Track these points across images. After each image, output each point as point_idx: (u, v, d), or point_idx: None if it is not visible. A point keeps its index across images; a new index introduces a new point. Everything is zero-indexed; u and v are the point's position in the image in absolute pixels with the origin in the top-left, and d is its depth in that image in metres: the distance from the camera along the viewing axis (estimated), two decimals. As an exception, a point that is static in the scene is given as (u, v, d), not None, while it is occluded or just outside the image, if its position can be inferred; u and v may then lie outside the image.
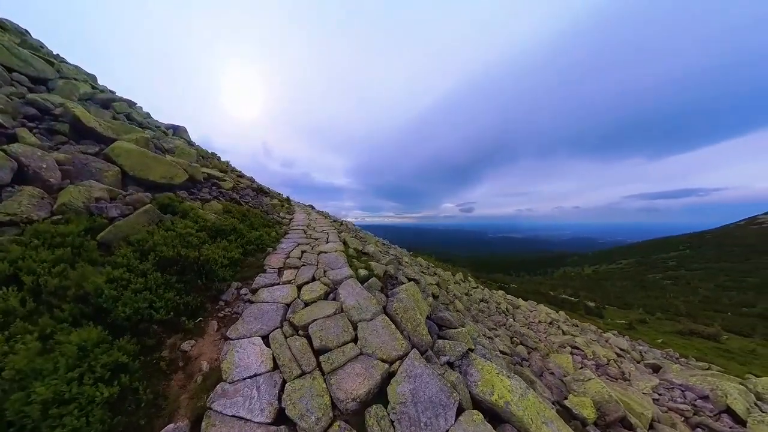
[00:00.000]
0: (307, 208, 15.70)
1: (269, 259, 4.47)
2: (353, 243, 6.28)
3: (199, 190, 6.59)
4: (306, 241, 6.08)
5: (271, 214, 8.34)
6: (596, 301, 31.75)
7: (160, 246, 3.22)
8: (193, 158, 8.02)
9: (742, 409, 5.22)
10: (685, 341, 17.83)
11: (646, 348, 13.34)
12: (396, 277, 4.37)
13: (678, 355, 13.48)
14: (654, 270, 58.85)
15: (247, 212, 6.62)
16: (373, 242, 9.39)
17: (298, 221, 8.80)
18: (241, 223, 5.59)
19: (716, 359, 15.13)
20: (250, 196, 9.14)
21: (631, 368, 6.87)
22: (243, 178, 11.42)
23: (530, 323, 10.16)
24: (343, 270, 4.04)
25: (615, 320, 21.63)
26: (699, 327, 21.15)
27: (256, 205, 8.33)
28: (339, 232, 7.69)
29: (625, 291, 45.82)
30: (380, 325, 2.64)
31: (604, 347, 9.59)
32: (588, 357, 7.13)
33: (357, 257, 5.15)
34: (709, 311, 34.41)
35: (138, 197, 4.28)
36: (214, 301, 3.11)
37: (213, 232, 4.41)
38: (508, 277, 51.20)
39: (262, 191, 11.36)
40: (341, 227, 9.92)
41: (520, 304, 13.73)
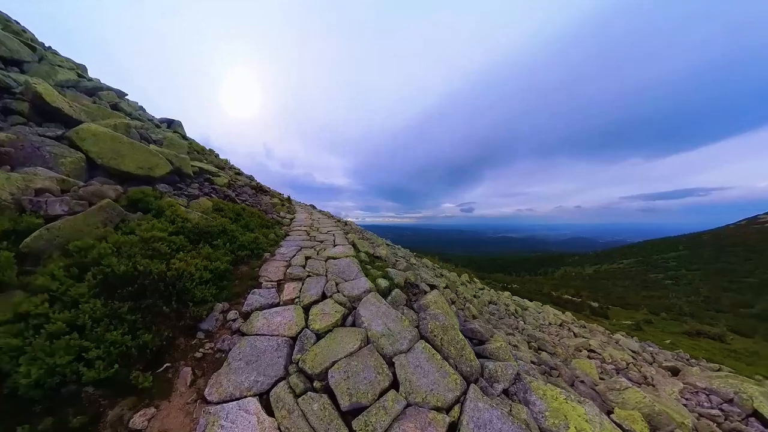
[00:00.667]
0: (308, 207, 15.26)
1: (266, 269, 3.69)
2: (363, 246, 5.65)
3: (188, 185, 5.91)
4: (310, 244, 5.38)
5: (270, 213, 7.76)
6: (599, 301, 31.52)
7: (109, 257, 2.30)
8: (184, 150, 7.39)
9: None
10: (692, 342, 17.59)
11: (656, 349, 13.06)
12: (417, 286, 3.82)
13: (688, 356, 13.22)
14: (655, 270, 58.73)
15: (242, 211, 5.88)
16: (381, 244, 9.11)
17: (300, 221, 8.26)
18: (234, 223, 4.88)
19: (724, 360, 14.86)
20: (248, 194, 8.59)
21: (651, 372, 6.61)
22: (241, 175, 10.86)
23: (541, 325, 9.90)
24: (360, 281, 3.29)
25: (621, 321, 21.39)
26: (705, 327, 20.94)
27: (254, 203, 7.78)
28: (345, 233, 7.08)
29: (627, 291, 45.61)
30: (423, 356, 2.05)
31: (618, 349, 9.33)
32: (606, 361, 6.85)
33: (370, 263, 4.56)
34: (711, 311, 34.28)
35: (96, 190, 3.40)
36: (189, 334, 2.25)
37: (195, 236, 3.58)
38: (508, 277, 51.01)
39: (262, 190, 10.92)
40: (347, 227, 9.41)
41: (528, 305, 13.46)
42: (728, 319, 28.76)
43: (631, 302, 35.13)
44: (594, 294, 38.76)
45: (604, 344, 9.12)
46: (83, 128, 4.28)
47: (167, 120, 11.09)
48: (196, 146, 10.18)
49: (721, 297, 41.93)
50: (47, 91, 4.44)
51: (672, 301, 38.02)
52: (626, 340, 12.43)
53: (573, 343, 7.69)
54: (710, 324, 23.87)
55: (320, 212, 14.01)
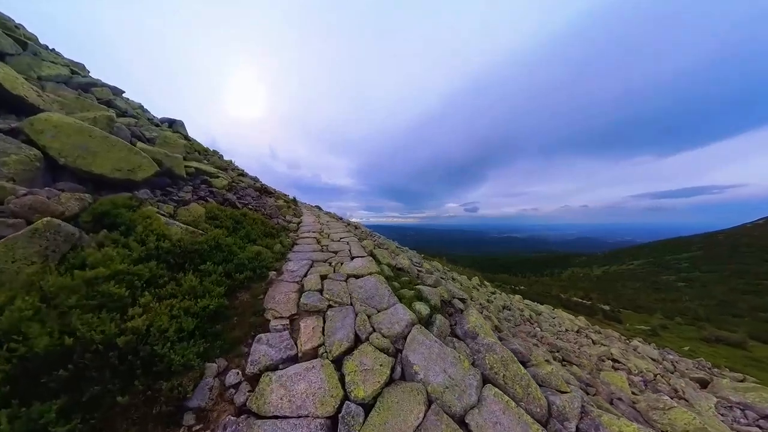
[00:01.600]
0: (314, 209, 14.85)
1: (273, 296, 2.88)
2: (383, 256, 4.96)
3: (180, 189, 5.29)
4: (322, 256, 4.60)
5: (275, 217, 7.25)
6: (611, 304, 30.74)
7: (27, 324, 1.50)
8: (180, 150, 6.73)
9: None
10: (711, 349, 16.94)
11: (675, 357, 12.60)
12: (452, 304, 3.32)
13: (710, 365, 12.71)
14: (667, 271, 57.01)
15: (243, 217, 5.19)
16: (393, 248, 8.82)
17: (308, 225, 7.72)
18: (232, 233, 4.17)
19: (746, 369, 14.26)
20: (251, 196, 8.17)
21: (681, 384, 6.32)
22: (245, 177, 10.38)
23: (558, 332, 9.63)
24: (397, 311, 2.58)
25: (635, 325, 20.77)
26: (724, 333, 20.16)
27: (257, 207, 7.39)
28: (359, 239, 6.53)
29: (638, 293, 44.41)
30: (497, 407, 1.66)
31: (639, 358, 9.00)
32: (632, 372, 6.58)
33: (395, 278, 3.92)
34: (727, 315, 33.06)
35: (35, 201, 2.36)
36: (171, 422, 1.51)
37: (176, 258, 2.76)
38: (513, 278, 50.26)
39: (266, 191, 10.37)
40: (358, 231, 8.98)
41: (541, 309, 13.16)
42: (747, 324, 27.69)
43: (643, 305, 34.18)
44: (604, 296, 37.87)
45: (624, 352, 8.81)
46: (40, 118, 3.40)
47: (168, 120, 10.49)
48: (197, 146, 9.77)
49: (737, 300, 40.44)
50: (7, 77, 3.77)
51: (685, 304, 36.86)
52: (645, 347, 12.03)
53: (595, 352, 7.43)
54: (728, 330, 23.00)
55: (327, 214, 13.64)
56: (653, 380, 6.31)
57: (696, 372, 10.35)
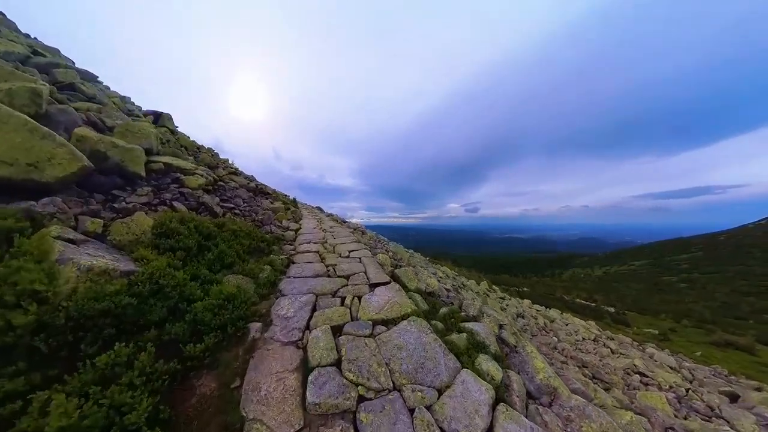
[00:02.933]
0: (315, 210, 14.02)
1: (257, 380, 1.76)
2: (407, 277, 3.90)
3: (133, 191, 4.02)
4: (330, 284, 3.33)
5: (267, 224, 6.27)
6: (615, 306, 30.38)
7: None
8: (147, 141, 5.23)
9: None
10: (723, 354, 16.59)
11: (692, 365, 12.26)
12: (506, 342, 2.68)
13: (726, 372, 12.37)
14: (668, 272, 56.47)
15: (218, 229, 3.93)
16: (407, 258, 7.90)
17: (308, 233, 6.66)
18: (194, 259, 2.90)
19: (759, 376, 13.93)
20: (242, 198, 7.18)
21: (714, 401, 6.02)
22: (238, 175, 9.31)
23: (576, 342, 9.32)
24: (467, 387, 1.68)
25: (642, 329, 20.44)
26: (733, 337, 19.79)
27: (248, 211, 6.46)
28: (372, 250, 5.57)
29: (641, 294, 43.98)
30: None
31: (664, 369, 8.68)
32: (662, 387, 6.30)
33: (433, 312, 3.08)
34: (730, 317, 32.62)
35: None
36: None
37: (60, 335, 1.50)
38: (515, 279, 49.89)
39: (262, 192, 9.41)
40: (366, 239, 7.93)
41: (553, 316, 12.84)
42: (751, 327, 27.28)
43: (647, 307, 33.77)
44: (607, 298, 37.49)
45: (649, 364, 8.50)
46: None
47: (153, 112, 9.30)
48: (185, 141, 8.62)
49: (740, 302, 39.86)
50: None
51: (689, 306, 36.43)
52: (661, 355, 11.71)
53: (619, 364, 7.14)
54: (734, 333, 22.63)
55: (330, 217, 12.56)
56: (686, 396, 6.02)
57: (711, 378, 10.01)
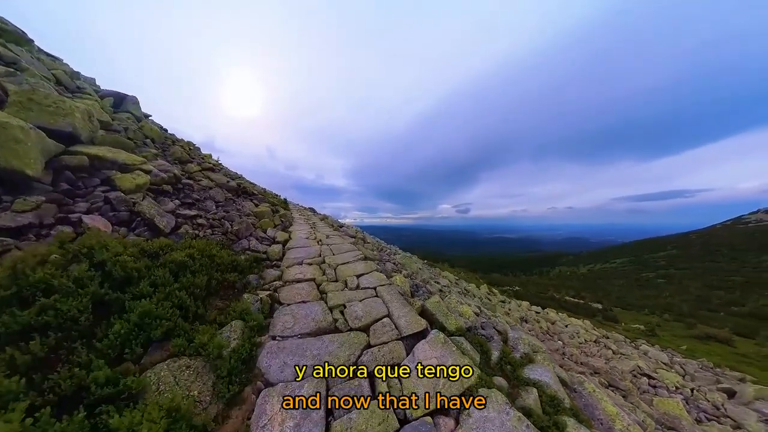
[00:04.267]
0: (307, 213, 12.84)
1: None
2: (441, 311, 3.08)
3: (9, 205, 2.74)
4: (342, 349, 2.28)
5: (245, 236, 4.93)
6: (602, 302, 31.40)
7: None
8: (73, 123, 3.94)
9: None
10: (705, 347, 17.42)
11: (681, 359, 12.72)
12: (563, 381, 2.29)
13: (712, 364, 12.93)
14: (647, 269, 59.19)
15: (153, 260, 2.74)
16: (416, 269, 7.28)
17: (300, 247, 5.40)
18: (81, 343, 1.68)
19: (740, 366, 14.69)
20: (215, 201, 5.80)
21: (718, 399, 6.23)
22: (215, 172, 7.70)
23: (580, 345, 9.49)
24: None
25: (630, 324, 21.20)
26: (713, 331, 20.86)
27: (219, 220, 4.99)
28: (385, 271, 4.54)
29: (623, 290, 45.71)
30: None
31: (661, 367, 8.93)
32: (669, 389, 6.48)
33: (485, 360, 2.46)
34: (704, 310, 34.46)
35: None
36: None
37: None
38: (506, 278, 50.87)
39: (245, 193, 7.92)
40: (369, 248, 6.78)
41: (554, 318, 13.06)
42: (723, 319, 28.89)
43: (630, 303, 35.12)
44: (594, 294, 38.71)
45: (651, 363, 8.74)
46: None
47: (114, 93, 7.85)
48: (150, 131, 7.04)
49: (711, 296, 42.19)
50: None
51: (668, 300, 38.20)
52: (654, 351, 12.10)
53: (626, 367, 7.28)
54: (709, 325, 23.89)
55: (324, 220, 11.12)
56: (692, 396, 6.20)
57: (701, 372, 10.39)
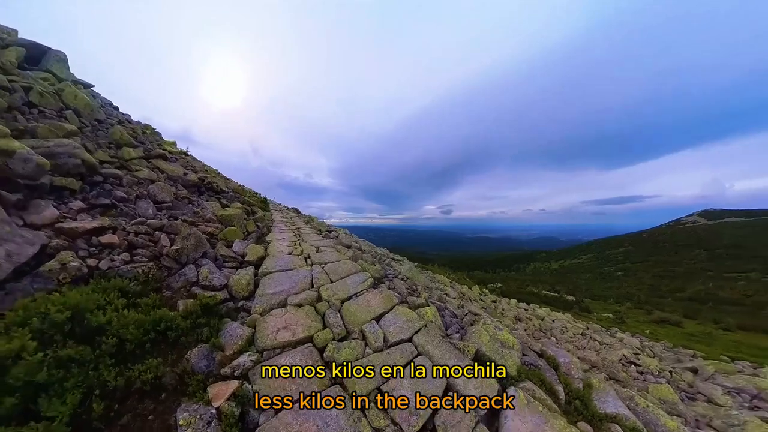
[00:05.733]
0: (289, 213, 10.94)
1: None
2: (494, 351, 2.44)
3: None
4: None
5: (193, 259, 3.21)
6: (575, 295, 33.95)
7: None
8: None
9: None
10: (663, 330, 19.57)
11: (648, 343, 14.12)
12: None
13: (671, 345, 14.53)
14: (608, 263, 65.20)
15: None
16: (423, 281, 5.32)
17: (281, 269, 3.66)
18: None
19: (690, 344, 16.70)
20: (156, 201, 4.16)
21: (690, 378, 7.06)
22: (169, 162, 5.79)
23: (571, 339, 10.20)
24: None
25: (601, 314, 23.17)
26: (667, 315, 23.51)
27: (153, 234, 3.31)
28: (410, 301, 3.28)
29: (590, 283, 49.80)
30: None
31: (653, 356, 9.83)
32: (654, 374, 7.23)
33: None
34: (656, 297, 38.76)
35: None
36: None
37: None
38: (487, 275, 53.32)
39: (210, 189, 6.09)
40: (370, 260, 5.06)
41: (541, 314, 13.90)
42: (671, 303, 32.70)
43: (597, 294, 38.34)
44: (566, 287, 41.74)
45: (636, 351, 9.60)
46: None
47: (32, 44, 5.71)
48: (72, 99, 4.97)
49: (660, 284, 47.50)
50: None
51: (627, 290, 42.29)
52: (628, 338, 13.32)
53: (615, 357, 7.99)
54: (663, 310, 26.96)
55: (308, 223, 9.06)
56: (672, 378, 6.97)
57: (665, 353, 11.66)
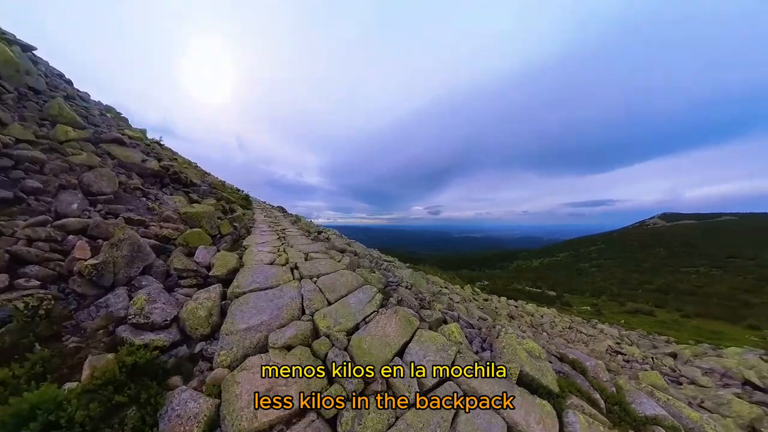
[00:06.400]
0: (274, 212, 9.92)
1: None
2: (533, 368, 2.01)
3: None
4: None
5: (126, 280, 2.19)
6: (556, 290, 35.52)
7: None
8: None
9: (756, 378, 6.10)
10: (636, 319, 20.91)
11: (625, 332, 14.87)
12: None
13: (646, 332, 15.41)
14: (583, 260, 69.44)
15: None
16: (426, 287, 4.84)
17: (256, 290, 2.64)
18: None
19: (663, 330, 17.86)
20: (90, 193, 3.23)
21: (672, 363, 7.41)
22: (125, 147, 4.82)
23: (560, 333, 10.47)
24: None
25: (580, 306, 24.36)
26: (639, 305, 25.22)
27: (61, 242, 2.26)
28: (427, 319, 2.64)
29: (568, 278, 52.59)
30: None
31: (631, 344, 10.27)
32: (638, 361, 7.53)
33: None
34: (626, 290, 41.64)
35: None
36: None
37: None
38: (473, 273, 54.87)
39: (176, 181, 5.11)
40: (370, 271, 4.03)
41: (530, 310, 14.21)
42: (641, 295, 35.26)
43: (574, 288, 40.45)
44: (547, 283, 43.66)
45: (618, 341, 9.99)
46: None
47: None
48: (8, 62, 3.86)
49: (630, 278, 51.14)
50: None
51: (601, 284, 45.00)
52: (608, 328, 13.94)
53: (602, 348, 8.26)
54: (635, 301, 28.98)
55: (295, 224, 7.81)
56: (655, 364, 7.28)
57: (641, 340, 12.31)
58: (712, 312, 24.36)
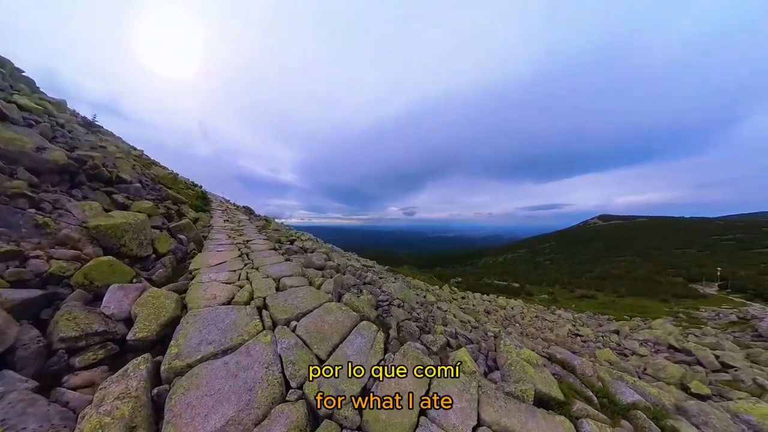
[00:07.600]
0: (238, 215, 8.47)
1: None
2: (543, 383, 2.15)
3: None
4: None
5: None
6: (519, 282, 38.91)
7: None
8: None
9: (674, 342, 7.31)
10: (584, 303, 23.91)
11: (577, 315, 16.79)
12: None
13: (592, 313, 17.59)
14: (539, 255, 78.18)
15: None
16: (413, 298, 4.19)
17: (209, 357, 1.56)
18: None
19: (604, 311, 20.58)
20: None
21: (621, 341, 8.50)
22: (14, 125, 3.19)
23: (530, 323, 11.29)
24: None
25: (540, 295, 27.05)
26: (585, 291, 28.92)
27: None
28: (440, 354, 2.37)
29: (527, 271, 58.19)
30: None
31: (582, 325, 11.51)
32: (593, 340, 8.47)
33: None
34: (573, 278, 47.68)
35: None
36: None
37: None
38: (447, 271, 57.82)
39: (95, 178, 3.67)
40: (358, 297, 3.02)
41: (502, 303, 15.16)
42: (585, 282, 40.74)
43: (534, 279, 44.88)
44: (511, 276, 47.66)
45: (575, 324, 11.13)
46: None
47: None
48: None
49: (576, 269, 58.67)
50: None
51: (554, 275, 50.69)
52: (564, 313, 15.53)
53: (564, 332, 9.09)
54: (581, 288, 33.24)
55: (263, 230, 6.43)
56: (604, 342, 8.24)
57: (590, 320, 14.03)
58: (637, 290, 29.74)
